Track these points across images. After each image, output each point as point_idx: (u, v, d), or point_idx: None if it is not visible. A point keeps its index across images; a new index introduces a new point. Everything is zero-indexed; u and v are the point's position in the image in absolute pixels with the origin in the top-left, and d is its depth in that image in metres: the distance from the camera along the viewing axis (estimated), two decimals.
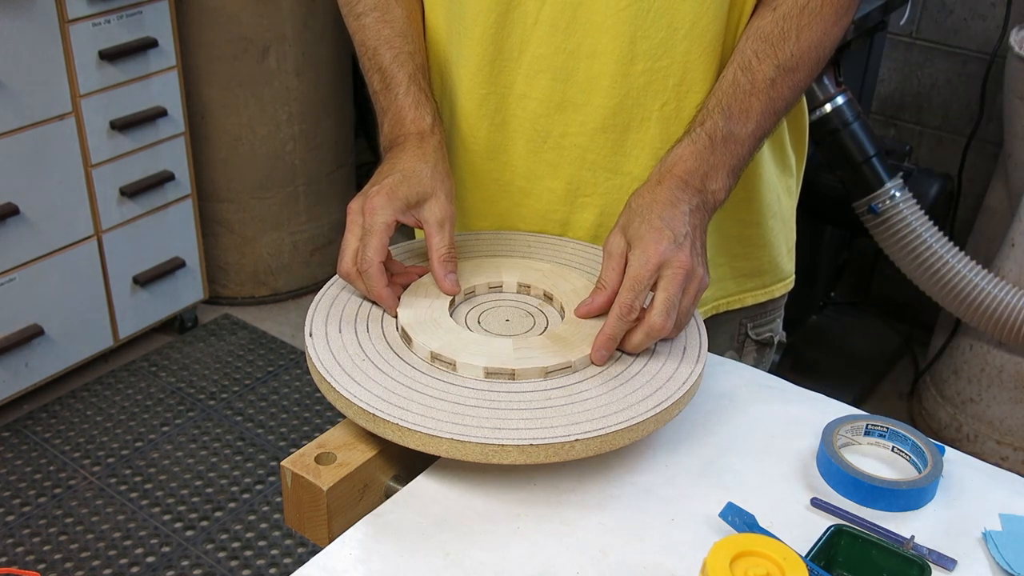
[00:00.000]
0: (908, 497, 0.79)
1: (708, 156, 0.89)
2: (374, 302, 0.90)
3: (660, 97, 0.96)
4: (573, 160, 0.99)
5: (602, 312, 0.85)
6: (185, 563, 2.00)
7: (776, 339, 1.19)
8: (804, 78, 0.93)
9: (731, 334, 1.15)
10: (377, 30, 1.00)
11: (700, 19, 0.93)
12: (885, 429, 0.85)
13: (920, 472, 0.81)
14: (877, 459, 0.84)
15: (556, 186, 1.01)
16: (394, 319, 0.88)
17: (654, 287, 0.83)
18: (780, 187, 1.10)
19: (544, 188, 1.02)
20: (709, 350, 1.00)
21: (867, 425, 0.86)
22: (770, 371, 1.19)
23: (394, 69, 0.98)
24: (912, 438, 0.84)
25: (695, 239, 0.86)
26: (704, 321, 1.09)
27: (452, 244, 0.91)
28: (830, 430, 0.83)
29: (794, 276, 1.18)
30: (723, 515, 0.75)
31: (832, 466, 0.81)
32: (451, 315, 0.88)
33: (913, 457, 0.83)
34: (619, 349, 0.85)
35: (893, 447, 0.85)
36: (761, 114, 0.91)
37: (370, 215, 0.87)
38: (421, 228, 0.91)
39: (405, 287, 0.91)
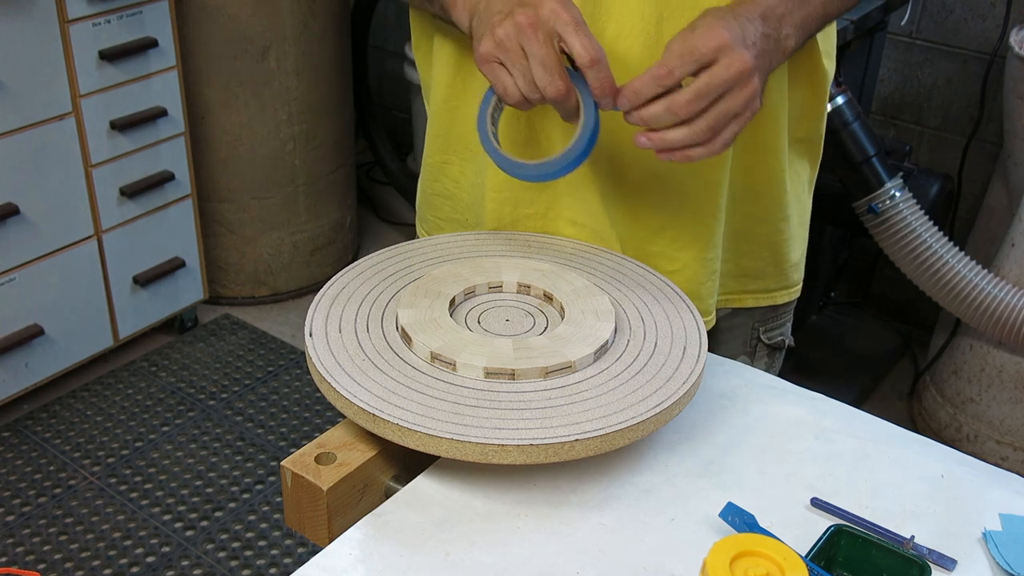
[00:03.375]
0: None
1: (786, 2, 0.87)
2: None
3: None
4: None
5: (644, 83, 0.81)
6: (185, 563, 2.00)
7: (787, 342, 1.19)
8: None
9: (744, 338, 1.14)
10: None
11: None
12: None
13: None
14: None
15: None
16: (394, 319, 0.88)
17: (704, 70, 0.79)
18: (799, 193, 1.09)
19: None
20: (723, 354, 1.00)
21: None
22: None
23: None
24: None
25: (760, 55, 0.82)
26: (717, 325, 1.10)
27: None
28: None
29: (800, 286, 1.17)
30: (723, 515, 0.75)
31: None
32: (451, 315, 0.88)
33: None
34: (633, 118, 0.82)
35: None
36: None
37: (561, 12, 0.80)
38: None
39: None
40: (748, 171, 1.02)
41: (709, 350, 0.99)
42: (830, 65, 1.04)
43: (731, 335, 1.12)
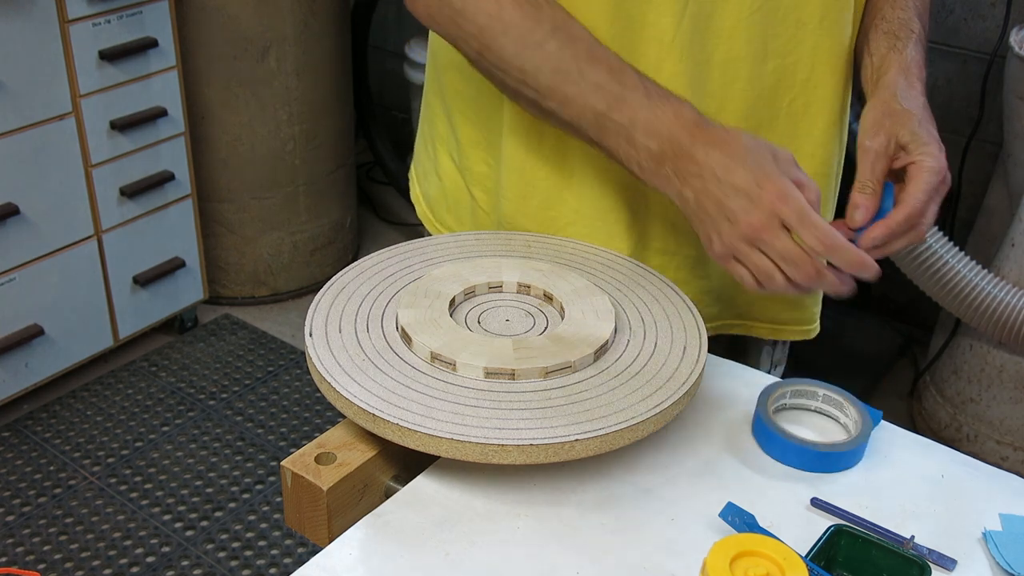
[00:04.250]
0: (839, 459, 0.83)
1: (925, 66, 0.91)
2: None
3: (788, 94, 0.95)
4: None
5: (899, 224, 0.84)
6: (185, 563, 2.00)
7: None
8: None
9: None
10: (573, 50, 0.86)
11: (829, 12, 0.93)
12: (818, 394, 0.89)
13: (850, 432, 0.86)
14: (804, 426, 0.88)
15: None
16: (394, 319, 0.88)
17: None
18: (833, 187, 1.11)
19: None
20: (749, 345, 1.00)
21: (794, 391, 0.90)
22: (781, 367, 1.20)
23: (619, 77, 0.85)
24: (842, 400, 0.88)
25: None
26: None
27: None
28: (765, 395, 0.87)
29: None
30: (723, 515, 0.75)
31: (767, 431, 0.84)
32: (451, 315, 0.88)
33: (844, 420, 0.88)
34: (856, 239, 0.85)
35: (823, 410, 0.89)
36: (925, 26, 0.94)
37: (791, 203, 0.79)
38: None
39: None
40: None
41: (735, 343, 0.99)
42: None
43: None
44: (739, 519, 0.75)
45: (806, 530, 0.76)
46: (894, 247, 0.85)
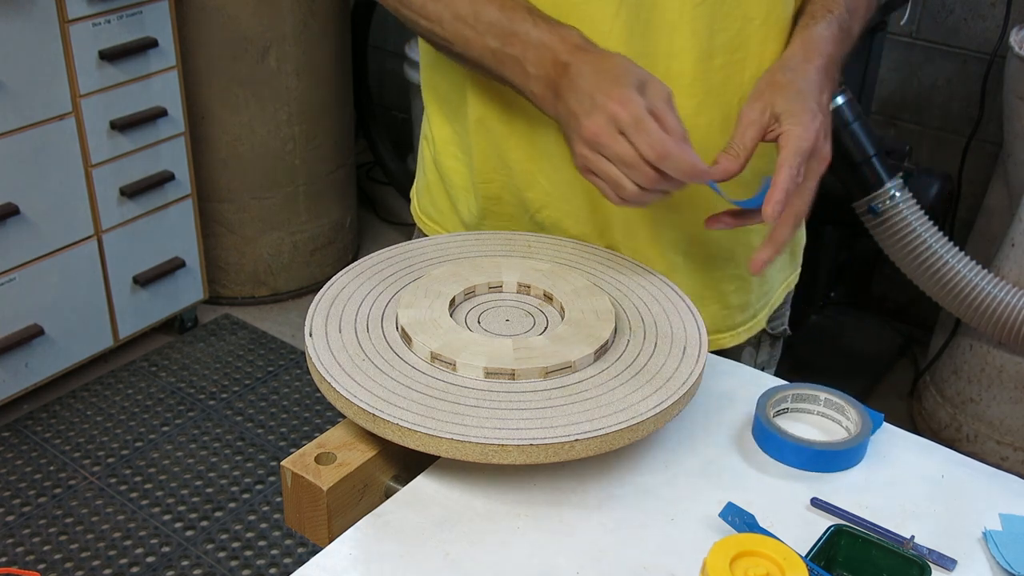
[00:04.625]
0: (839, 459, 0.83)
1: (839, 45, 0.90)
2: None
3: (738, 92, 0.95)
4: None
5: (779, 200, 0.83)
6: (185, 563, 2.00)
7: (786, 331, 1.20)
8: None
9: None
10: None
11: (775, 8, 0.93)
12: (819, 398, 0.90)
13: (851, 434, 0.86)
14: (809, 425, 0.89)
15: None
16: (394, 319, 0.88)
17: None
18: None
19: None
20: (731, 345, 1.00)
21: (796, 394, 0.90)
22: (769, 370, 1.20)
23: (509, 14, 0.89)
24: (844, 403, 0.88)
25: (829, 130, 0.87)
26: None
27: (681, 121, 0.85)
28: (766, 398, 0.87)
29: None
30: (723, 515, 0.75)
31: (767, 431, 0.84)
32: (451, 315, 0.88)
33: (846, 424, 0.88)
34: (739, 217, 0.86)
35: (825, 414, 0.90)
36: (862, 18, 0.93)
37: (625, 111, 0.80)
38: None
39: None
40: (757, 172, 1.03)
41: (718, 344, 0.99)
42: None
43: None
44: (739, 519, 0.75)
45: (806, 530, 0.76)
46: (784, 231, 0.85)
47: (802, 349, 2.44)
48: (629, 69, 0.84)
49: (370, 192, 3.33)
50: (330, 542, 0.75)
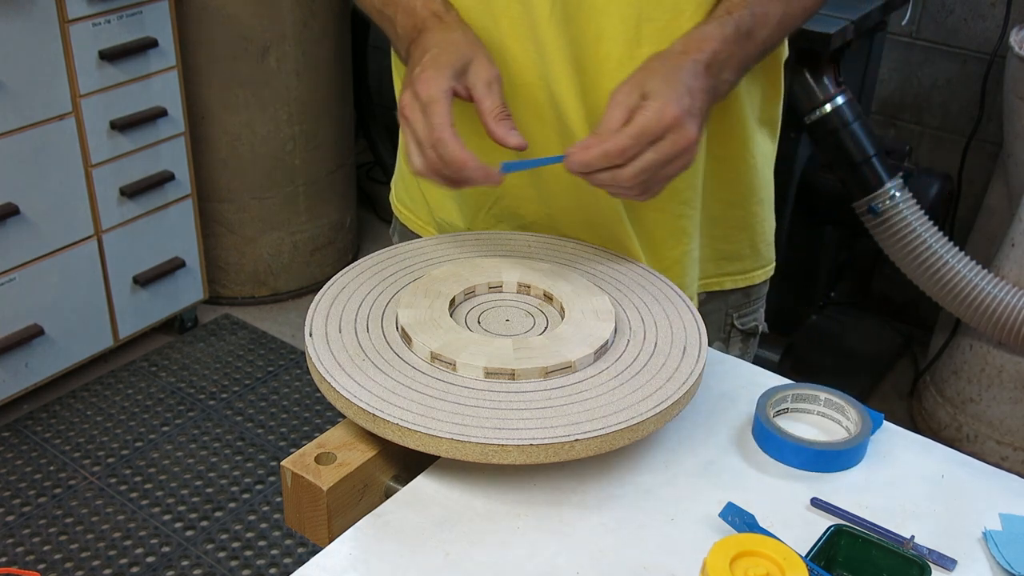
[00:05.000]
0: (839, 459, 0.83)
1: (731, 45, 0.89)
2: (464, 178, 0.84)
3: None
4: None
5: (596, 157, 0.83)
6: (185, 563, 2.00)
7: (760, 328, 1.20)
8: (813, 2, 0.95)
9: (718, 325, 1.15)
10: None
11: (706, 2, 0.93)
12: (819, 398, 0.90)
13: (851, 434, 0.86)
14: (809, 425, 0.89)
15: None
16: (394, 319, 0.88)
17: (651, 144, 0.83)
18: (766, 174, 1.11)
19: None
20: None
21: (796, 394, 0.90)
22: (769, 369, 1.19)
23: None
24: (844, 403, 0.88)
25: (702, 118, 0.85)
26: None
27: (504, 103, 0.87)
28: (765, 398, 0.87)
29: (775, 263, 1.18)
30: (723, 515, 0.75)
31: (767, 432, 0.84)
32: (451, 315, 0.88)
33: (846, 424, 0.88)
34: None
35: (825, 414, 0.90)
36: (776, 24, 0.92)
37: (424, 90, 0.84)
38: (470, 100, 0.88)
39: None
40: (721, 160, 1.04)
41: None
42: (783, 46, 1.07)
43: (705, 321, 1.13)
44: (739, 519, 0.75)
45: (806, 530, 0.76)
46: (596, 178, 0.84)
47: (802, 349, 2.44)
48: (458, 47, 0.87)
49: (370, 192, 3.33)
50: (330, 542, 0.75)
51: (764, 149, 1.09)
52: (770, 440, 0.84)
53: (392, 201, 1.21)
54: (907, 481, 0.82)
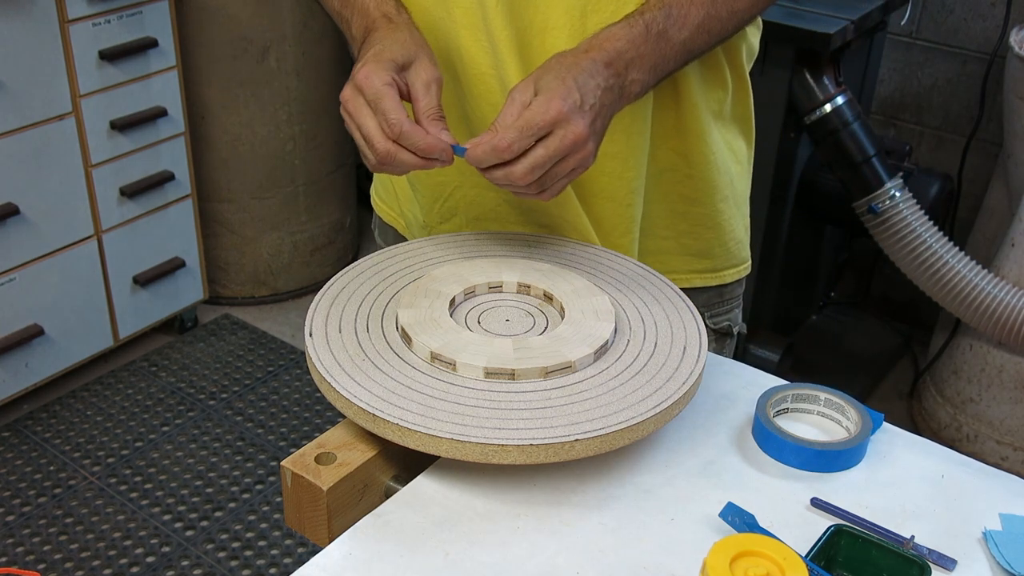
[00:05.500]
0: (838, 459, 0.83)
1: (639, 44, 0.89)
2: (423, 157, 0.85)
3: None
4: None
5: (484, 152, 0.84)
6: (185, 563, 2.00)
7: (736, 329, 1.19)
8: (745, 7, 0.94)
9: None
10: None
11: None
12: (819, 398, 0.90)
13: (851, 434, 0.86)
14: (809, 425, 0.89)
15: None
16: (394, 319, 0.88)
17: (540, 140, 0.83)
18: (733, 171, 1.10)
19: None
20: None
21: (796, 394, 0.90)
22: (769, 370, 1.19)
23: None
24: (844, 403, 0.88)
25: (598, 116, 0.85)
26: None
27: (439, 105, 0.88)
28: (765, 398, 0.87)
29: (750, 264, 1.17)
30: (723, 515, 0.75)
31: (767, 432, 0.84)
32: (451, 315, 0.88)
33: (846, 424, 0.88)
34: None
35: (825, 414, 0.90)
36: (697, 26, 0.92)
37: (368, 84, 0.85)
38: (408, 98, 0.89)
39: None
40: (680, 155, 1.04)
41: None
42: (753, 40, 1.06)
43: None
44: (739, 519, 0.75)
45: (806, 530, 0.76)
46: (492, 175, 0.85)
47: (802, 349, 2.44)
48: (403, 45, 0.89)
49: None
50: (330, 542, 0.75)
51: (732, 146, 1.09)
52: (770, 440, 0.84)
53: (371, 195, 1.23)
54: (907, 481, 0.82)
